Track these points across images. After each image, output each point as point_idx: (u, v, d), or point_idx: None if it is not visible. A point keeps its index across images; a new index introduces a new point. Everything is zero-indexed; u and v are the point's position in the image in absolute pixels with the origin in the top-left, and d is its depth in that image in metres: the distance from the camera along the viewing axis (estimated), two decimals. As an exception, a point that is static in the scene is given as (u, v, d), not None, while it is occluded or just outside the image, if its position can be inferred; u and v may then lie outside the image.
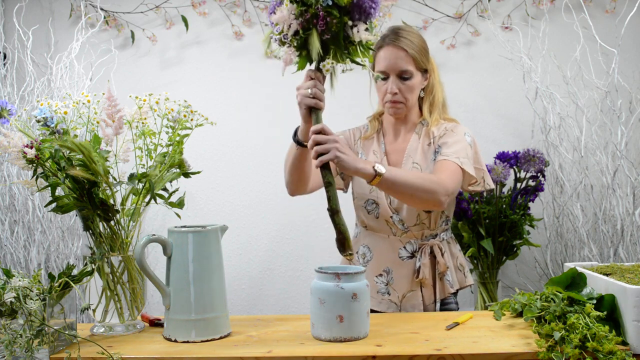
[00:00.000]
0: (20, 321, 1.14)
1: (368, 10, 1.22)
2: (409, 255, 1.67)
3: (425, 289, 1.67)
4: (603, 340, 1.10)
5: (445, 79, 2.65)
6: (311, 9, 1.21)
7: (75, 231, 2.55)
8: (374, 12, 1.23)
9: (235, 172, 2.77)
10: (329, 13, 1.20)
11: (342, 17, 1.22)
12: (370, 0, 1.21)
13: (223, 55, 2.78)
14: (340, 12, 1.21)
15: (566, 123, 2.41)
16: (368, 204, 1.69)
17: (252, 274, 2.77)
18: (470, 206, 2.33)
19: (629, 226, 2.21)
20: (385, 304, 1.68)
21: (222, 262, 1.34)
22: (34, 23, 2.69)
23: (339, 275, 1.25)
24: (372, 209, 1.69)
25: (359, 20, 1.23)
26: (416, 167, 1.67)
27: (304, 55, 1.28)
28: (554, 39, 2.51)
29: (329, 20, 1.21)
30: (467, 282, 1.74)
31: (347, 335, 1.23)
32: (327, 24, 1.21)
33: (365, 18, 1.23)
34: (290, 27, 1.24)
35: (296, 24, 1.23)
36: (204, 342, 1.27)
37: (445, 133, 1.68)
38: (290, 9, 1.23)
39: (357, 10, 1.22)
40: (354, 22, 1.23)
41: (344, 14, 1.22)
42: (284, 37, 1.26)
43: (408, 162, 1.68)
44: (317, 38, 1.23)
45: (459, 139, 1.65)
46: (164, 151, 1.44)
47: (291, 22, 1.23)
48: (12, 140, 1.27)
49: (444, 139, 1.66)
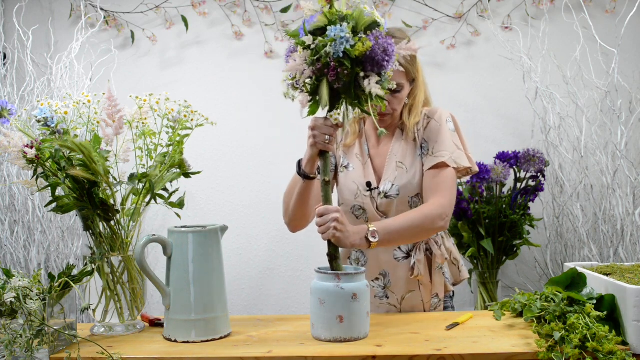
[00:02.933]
0: (20, 321, 1.14)
1: (381, 63, 1.21)
2: (405, 256, 1.65)
3: (423, 287, 1.65)
4: (603, 341, 1.10)
5: (445, 79, 2.67)
6: (323, 59, 1.21)
7: (75, 231, 2.55)
8: (387, 64, 1.22)
9: (235, 172, 2.77)
10: (341, 63, 1.20)
11: (354, 68, 1.21)
12: (383, 53, 1.20)
13: (223, 55, 2.78)
14: (353, 63, 1.21)
15: (566, 123, 2.41)
16: (355, 209, 1.67)
17: (252, 274, 2.77)
18: (470, 206, 2.33)
19: (629, 226, 2.21)
20: (384, 307, 1.66)
21: (222, 262, 1.34)
22: (34, 23, 2.69)
23: (339, 276, 1.25)
24: (360, 214, 1.67)
25: (371, 72, 1.22)
26: (400, 167, 1.63)
27: (316, 101, 1.29)
28: (554, 39, 2.51)
29: (339, 70, 1.20)
30: (462, 277, 1.72)
31: (347, 336, 1.23)
32: (337, 74, 1.21)
33: (378, 69, 1.23)
34: (303, 74, 1.24)
35: (309, 71, 1.23)
36: (204, 342, 1.27)
37: (427, 122, 1.64)
38: (302, 56, 1.23)
39: (369, 62, 1.21)
40: (367, 73, 1.23)
41: (357, 65, 1.21)
42: (296, 82, 1.27)
43: (392, 162, 1.65)
44: (326, 88, 1.23)
45: (443, 131, 1.61)
46: (164, 151, 1.44)
47: (304, 69, 1.23)
48: (12, 140, 1.27)
49: (427, 132, 1.63)
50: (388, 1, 2.66)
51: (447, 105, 2.61)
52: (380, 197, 1.63)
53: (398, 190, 1.61)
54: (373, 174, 1.66)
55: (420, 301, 1.65)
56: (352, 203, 1.67)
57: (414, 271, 1.61)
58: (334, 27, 1.18)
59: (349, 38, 1.18)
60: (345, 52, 1.19)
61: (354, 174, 1.68)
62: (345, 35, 1.18)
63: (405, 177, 1.62)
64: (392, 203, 1.62)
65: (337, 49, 1.18)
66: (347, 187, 1.67)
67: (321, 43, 1.20)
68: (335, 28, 1.18)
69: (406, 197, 1.61)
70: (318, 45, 1.20)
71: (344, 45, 1.18)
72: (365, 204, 1.65)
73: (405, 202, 1.62)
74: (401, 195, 1.61)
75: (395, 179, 1.62)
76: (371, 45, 1.19)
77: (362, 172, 1.67)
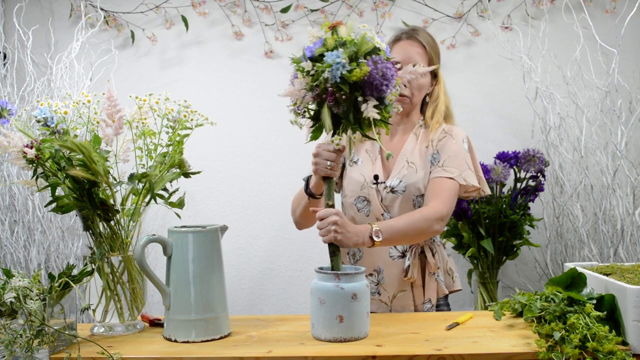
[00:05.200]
0: (20, 321, 1.14)
1: (379, 87, 1.20)
2: (400, 255, 1.67)
3: (416, 289, 1.66)
4: (603, 340, 1.10)
5: (446, 79, 2.66)
6: (321, 84, 1.21)
7: (75, 231, 2.55)
8: (385, 88, 1.21)
9: (235, 172, 2.77)
10: (339, 88, 1.19)
11: (354, 93, 1.21)
12: (381, 77, 1.19)
13: (223, 55, 2.77)
14: (352, 88, 1.20)
15: (566, 123, 2.41)
16: (359, 201, 1.69)
17: (252, 274, 2.76)
18: (470, 206, 2.33)
19: (629, 226, 2.21)
20: (375, 304, 1.67)
21: (222, 262, 1.34)
22: (34, 23, 2.69)
23: (339, 276, 1.25)
24: (362, 207, 1.69)
25: (370, 96, 1.22)
26: (411, 167, 1.66)
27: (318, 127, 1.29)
28: (554, 39, 2.51)
29: (337, 95, 1.20)
30: (454, 287, 1.74)
31: (347, 336, 1.23)
32: (335, 99, 1.20)
33: (378, 94, 1.22)
34: (303, 99, 1.24)
35: (309, 96, 1.23)
36: (204, 342, 1.27)
37: (444, 137, 1.68)
38: (301, 83, 1.23)
39: (368, 86, 1.20)
40: (366, 98, 1.22)
41: (355, 90, 1.21)
42: (297, 108, 1.27)
43: (402, 161, 1.68)
44: (328, 114, 1.23)
45: (458, 148, 1.65)
46: (164, 151, 1.44)
47: (304, 95, 1.24)
48: (12, 140, 1.27)
49: (442, 144, 1.67)
50: (388, 1, 2.66)
51: (447, 105, 2.64)
52: (386, 191, 1.66)
53: (405, 187, 1.64)
54: (382, 169, 1.70)
55: (411, 302, 1.66)
56: (357, 194, 1.69)
57: (407, 273, 1.63)
58: (330, 53, 1.18)
59: (345, 63, 1.18)
60: (343, 77, 1.18)
61: (362, 167, 1.71)
62: (341, 61, 1.17)
63: (415, 176, 1.65)
64: (397, 199, 1.65)
65: (335, 74, 1.18)
66: (354, 179, 1.70)
67: (319, 69, 1.20)
68: (332, 54, 1.18)
69: (411, 195, 1.65)
70: (317, 71, 1.20)
71: (340, 70, 1.18)
72: (370, 196, 1.67)
73: (409, 199, 1.65)
74: (407, 192, 1.64)
75: (404, 176, 1.66)
76: (369, 70, 1.18)
77: (370, 166, 1.71)
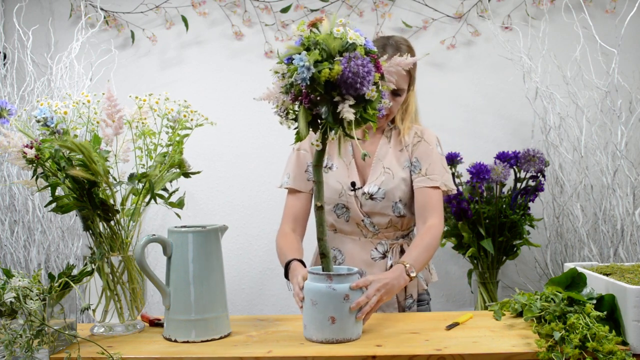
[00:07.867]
0: (20, 321, 1.14)
1: (354, 85, 1.14)
2: (381, 256, 1.69)
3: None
4: (603, 340, 1.10)
5: (445, 79, 2.67)
6: (296, 86, 1.17)
7: (75, 231, 2.55)
8: (361, 86, 1.15)
9: (235, 172, 2.77)
10: (314, 89, 1.16)
11: (330, 93, 1.16)
12: (353, 75, 1.13)
13: (223, 55, 2.77)
14: (327, 88, 1.16)
15: (566, 123, 2.40)
16: (338, 208, 1.70)
17: (252, 274, 2.76)
18: (470, 206, 2.32)
19: (629, 226, 2.21)
20: None
21: (222, 262, 1.34)
22: (34, 23, 2.69)
23: (331, 277, 1.25)
24: (341, 213, 1.70)
25: (348, 94, 1.17)
26: (387, 172, 1.67)
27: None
28: (554, 39, 2.51)
29: (312, 97, 1.17)
30: (432, 279, 1.79)
31: (339, 337, 1.23)
32: (311, 100, 1.17)
33: (354, 92, 1.16)
34: (283, 102, 1.22)
35: (287, 98, 1.20)
36: (204, 342, 1.27)
37: (418, 141, 1.70)
38: (278, 84, 1.21)
39: (343, 85, 1.15)
40: (344, 97, 1.17)
41: (332, 89, 1.16)
42: (280, 110, 1.24)
43: (378, 167, 1.69)
44: (303, 117, 1.18)
45: (434, 154, 1.69)
46: (164, 151, 1.44)
47: (283, 98, 1.21)
48: (12, 140, 1.27)
49: (419, 152, 1.69)
50: (388, 1, 2.66)
51: (447, 105, 2.65)
52: (365, 198, 1.67)
53: (384, 194, 1.66)
54: (357, 175, 1.70)
55: (395, 299, 1.69)
56: (335, 201, 1.70)
57: None
58: (297, 56, 1.15)
59: (310, 66, 1.14)
60: (314, 77, 1.15)
61: (337, 174, 1.71)
62: (305, 64, 1.14)
63: (392, 182, 1.67)
64: (376, 205, 1.67)
65: (303, 77, 1.15)
66: (331, 186, 1.69)
67: (289, 72, 1.18)
68: (298, 57, 1.15)
69: (390, 201, 1.67)
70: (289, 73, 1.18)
71: (305, 73, 1.14)
72: (349, 203, 1.68)
73: (389, 206, 1.67)
74: (386, 199, 1.66)
75: (382, 182, 1.67)
76: (341, 70, 1.13)
77: (346, 172, 1.70)
